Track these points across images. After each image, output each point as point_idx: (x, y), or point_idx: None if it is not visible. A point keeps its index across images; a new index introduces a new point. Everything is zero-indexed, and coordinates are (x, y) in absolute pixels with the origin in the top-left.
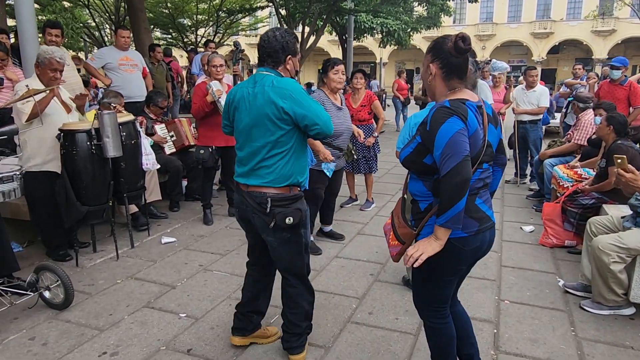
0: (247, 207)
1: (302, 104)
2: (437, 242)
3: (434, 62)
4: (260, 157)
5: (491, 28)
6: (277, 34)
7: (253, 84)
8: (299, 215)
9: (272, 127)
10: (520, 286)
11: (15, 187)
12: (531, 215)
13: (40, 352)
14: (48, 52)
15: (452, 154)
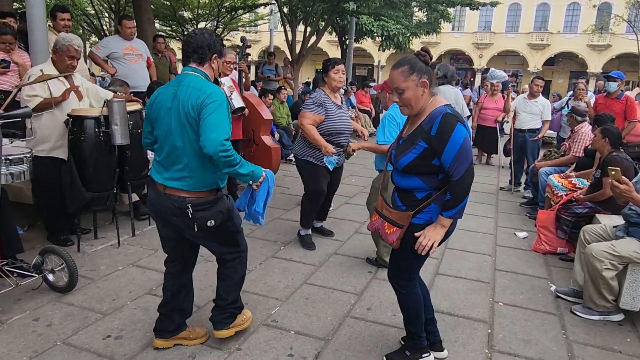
0: (166, 209)
1: (208, 110)
2: (442, 229)
3: (423, 77)
4: (180, 160)
5: (489, 37)
6: (205, 32)
7: (177, 83)
8: (220, 217)
9: (190, 130)
10: (513, 289)
11: (25, 170)
12: (525, 222)
13: (45, 332)
14: (67, 39)
15: (464, 158)
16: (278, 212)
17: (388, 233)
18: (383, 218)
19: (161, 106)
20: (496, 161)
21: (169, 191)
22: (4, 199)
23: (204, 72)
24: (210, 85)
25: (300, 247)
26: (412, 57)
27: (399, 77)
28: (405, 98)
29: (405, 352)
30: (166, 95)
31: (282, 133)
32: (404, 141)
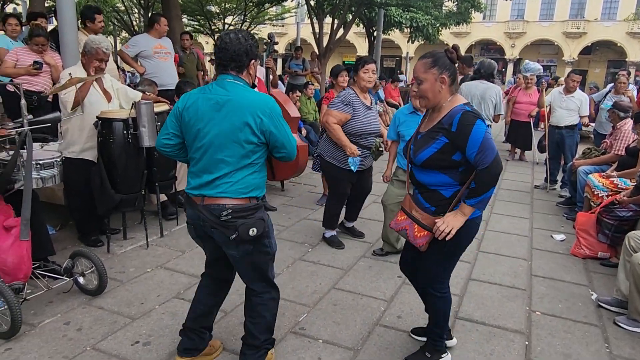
0: (205, 222)
1: (277, 125)
2: (463, 217)
3: (443, 73)
4: (224, 170)
5: (522, 26)
6: (239, 36)
7: (224, 92)
8: (262, 225)
9: (242, 141)
10: (551, 297)
11: (55, 174)
12: (562, 223)
13: (75, 337)
14: (96, 41)
15: (488, 149)
16: (305, 212)
17: (418, 236)
18: (413, 220)
19: (202, 115)
20: (530, 157)
21: (208, 201)
22: (36, 202)
23: (244, 79)
24: (262, 96)
25: (327, 249)
26: (440, 52)
27: (421, 68)
28: (423, 89)
29: (425, 354)
30: (208, 105)
31: (310, 129)
32: (423, 136)
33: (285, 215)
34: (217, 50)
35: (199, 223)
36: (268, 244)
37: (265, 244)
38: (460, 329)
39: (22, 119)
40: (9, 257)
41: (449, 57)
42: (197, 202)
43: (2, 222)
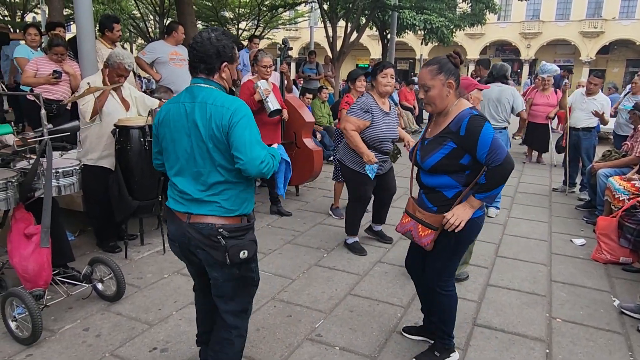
0: (190, 241)
1: (238, 128)
2: (471, 210)
3: (450, 78)
4: (205, 183)
5: (537, 26)
6: (212, 35)
7: (191, 99)
8: (254, 248)
9: (215, 150)
10: (572, 304)
11: (74, 182)
12: (582, 227)
13: (95, 343)
14: (120, 56)
15: (499, 148)
16: (321, 216)
17: (422, 235)
18: (416, 220)
19: (173, 126)
20: (548, 160)
21: (194, 219)
22: (56, 209)
23: (217, 83)
24: (231, 98)
25: (343, 254)
26: (444, 58)
27: (427, 75)
28: (431, 96)
29: (434, 353)
30: (178, 113)
31: (324, 133)
32: (430, 142)
33: (301, 220)
34: (189, 51)
35: (184, 241)
36: (254, 268)
37: (252, 268)
38: (478, 336)
39: (42, 129)
40: (29, 264)
41: (452, 62)
42: (183, 219)
43: (23, 229)
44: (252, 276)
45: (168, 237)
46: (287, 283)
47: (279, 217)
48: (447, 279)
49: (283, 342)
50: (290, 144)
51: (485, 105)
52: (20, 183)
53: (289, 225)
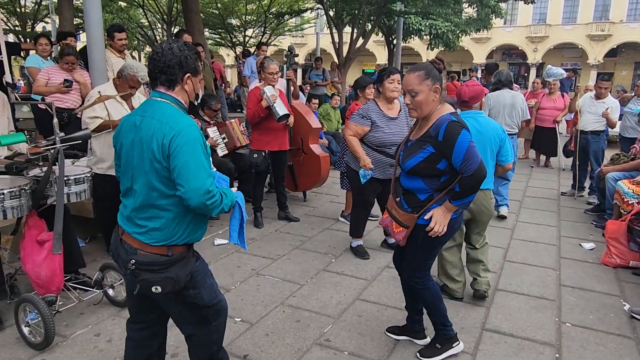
0: (119, 257)
1: (181, 153)
2: (449, 214)
3: (436, 83)
4: (137, 202)
5: (544, 30)
6: (174, 46)
7: (142, 113)
8: (170, 284)
9: (152, 171)
10: (582, 308)
11: (86, 189)
12: (591, 231)
13: (106, 348)
14: (134, 69)
15: (472, 158)
16: (328, 222)
17: (396, 232)
18: (392, 217)
19: (125, 139)
20: (556, 164)
21: (125, 237)
22: (67, 216)
23: (174, 97)
24: (179, 118)
25: (351, 259)
26: (428, 64)
27: (414, 80)
28: (418, 101)
29: (435, 345)
30: (130, 127)
31: (331, 139)
32: (412, 144)
33: (308, 225)
34: (148, 62)
35: (115, 252)
36: (193, 294)
37: (190, 294)
38: (487, 341)
39: (54, 137)
40: (42, 270)
41: (436, 68)
42: (119, 232)
43: (35, 236)
44: (194, 302)
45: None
46: (295, 288)
47: (286, 222)
48: (422, 275)
49: (292, 347)
50: (298, 150)
51: (500, 111)
52: (33, 190)
53: (296, 231)
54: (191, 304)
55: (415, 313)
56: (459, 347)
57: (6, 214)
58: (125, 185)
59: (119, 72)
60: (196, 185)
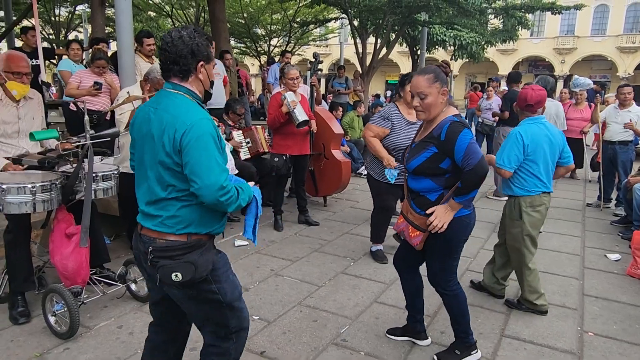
0: (139, 253)
1: (194, 148)
2: (452, 212)
3: (444, 86)
4: (152, 196)
5: (572, 41)
6: (183, 34)
7: (156, 105)
8: (190, 270)
9: (163, 165)
10: (605, 318)
11: (112, 186)
12: (617, 243)
13: (127, 340)
14: (159, 72)
15: (473, 154)
16: (348, 226)
17: (412, 236)
18: (408, 221)
19: (139, 131)
20: (582, 175)
21: (144, 231)
22: (94, 212)
23: (188, 88)
24: (191, 111)
25: (370, 263)
26: (436, 67)
27: (424, 83)
28: (427, 103)
29: (455, 352)
30: (144, 119)
31: (352, 146)
32: (416, 145)
33: (328, 229)
34: (159, 53)
35: (136, 252)
36: (217, 289)
37: (211, 289)
38: (507, 347)
39: (85, 134)
40: (69, 262)
41: (443, 72)
42: (138, 229)
43: (64, 229)
44: (217, 298)
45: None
46: (313, 289)
47: (306, 226)
48: (448, 279)
49: (309, 345)
50: (319, 155)
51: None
52: (63, 185)
53: (316, 234)
54: (213, 302)
55: (416, 312)
56: (477, 355)
57: (37, 206)
58: (139, 177)
59: (146, 75)
60: (210, 181)
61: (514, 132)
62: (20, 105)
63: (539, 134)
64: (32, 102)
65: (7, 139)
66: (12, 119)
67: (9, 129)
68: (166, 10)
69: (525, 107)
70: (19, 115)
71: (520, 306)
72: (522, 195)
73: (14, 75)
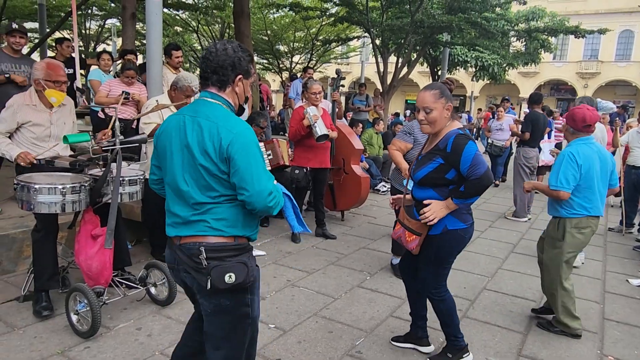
0: (179, 264)
1: (242, 157)
2: (447, 210)
3: (449, 102)
4: (194, 204)
5: (595, 66)
6: (228, 47)
7: (193, 113)
8: (244, 272)
9: (210, 170)
10: (626, 343)
11: (138, 190)
12: (639, 268)
13: (146, 342)
14: (188, 79)
15: (480, 164)
16: (365, 241)
17: (408, 240)
18: (404, 227)
19: (172, 139)
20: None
21: (185, 240)
22: (119, 216)
23: (225, 99)
24: (237, 120)
25: (386, 278)
26: (441, 84)
27: (430, 98)
28: (432, 117)
29: (447, 355)
30: (178, 126)
31: (371, 163)
32: (422, 157)
33: (345, 243)
34: (201, 61)
35: (174, 266)
36: (250, 301)
37: (246, 301)
38: None
39: (114, 139)
40: (94, 262)
41: (448, 88)
42: (175, 242)
43: (90, 230)
44: (247, 311)
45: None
46: (329, 301)
47: (323, 239)
48: (438, 286)
49: (324, 355)
50: (339, 169)
51: None
52: (91, 188)
53: (333, 248)
54: (242, 316)
55: (419, 319)
56: (469, 358)
57: (66, 207)
58: (172, 191)
59: (174, 84)
60: (260, 188)
61: (565, 152)
62: (53, 111)
63: (591, 154)
64: (65, 108)
65: (39, 141)
66: (45, 123)
67: (42, 132)
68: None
69: (584, 127)
70: (51, 120)
71: (553, 328)
72: (568, 217)
73: (54, 84)
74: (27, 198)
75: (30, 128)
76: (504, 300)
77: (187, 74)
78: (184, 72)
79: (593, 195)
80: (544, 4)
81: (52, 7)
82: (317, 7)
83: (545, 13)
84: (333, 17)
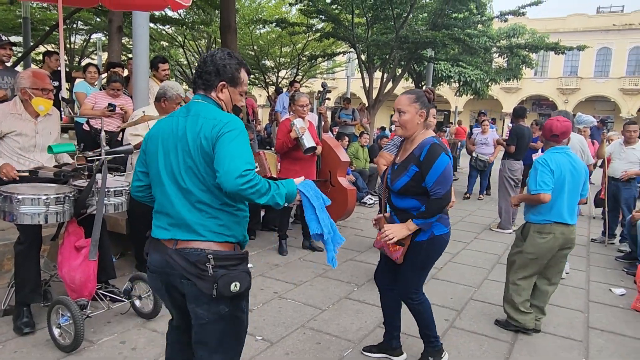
0: (174, 270)
1: (224, 140)
2: (407, 231)
3: (423, 109)
4: (193, 204)
5: (575, 82)
6: (216, 55)
7: (185, 113)
8: (247, 281)
9: (203, 164)
10: (611, 351)
11: (123, 201)
12: (622, 278)
13: (130, 355)
14: (174, 88)
15: (444, 182)
16: (352, 253)
17: (392, 251)
18: None
19: (163, 140)
20: (586, 211)
21: (182, 245)
22: (104, 228)
23: (214, 100)
24: (225, 114)
25: (374, 289)
26: (421, 91)
27: (405, 101)
28: (403, 120)
29: (428, 358)
30: (170, 128)
31: (357, 176)
32: (398, 167)
33: None
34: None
35: (167, 271)
36: (245, 308)
37: (242, 307)
38: None
39: (100, 149)
40: (77, 274)
41: (427, 97)
42: (169, 246)
43: (74, 242)
44: (242, 318)
45: (148, 269)
46: (317, 313)
47: (310, 251)
48: (416, 291)
49: None
50: (325, 182)
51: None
52: (75, 199)
53: (320, 260)
54: (238, 323)
55: (394, 329)
56: (446, 357)
57: (49, 218)
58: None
59: (161, 95)
60: (230, 167)
61: (539, 159)
62: (38, 121)
63: (564, 163)
64: (51, 118)
65: (24, 152)
66: (30, 133)
67: (27, 142)
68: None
69: (551, 137)
70: (36, 129)
71: (509, 326)
72: (533, 222)
73: (41, 92)
74: (9, 209)
75: (14, 138)
76: (491, 310)
77: (171, 83)
78: (167, 81)
79: (561, 202)
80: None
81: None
82: (303, 23)
83: (525, 30)
84: (319, 32)
